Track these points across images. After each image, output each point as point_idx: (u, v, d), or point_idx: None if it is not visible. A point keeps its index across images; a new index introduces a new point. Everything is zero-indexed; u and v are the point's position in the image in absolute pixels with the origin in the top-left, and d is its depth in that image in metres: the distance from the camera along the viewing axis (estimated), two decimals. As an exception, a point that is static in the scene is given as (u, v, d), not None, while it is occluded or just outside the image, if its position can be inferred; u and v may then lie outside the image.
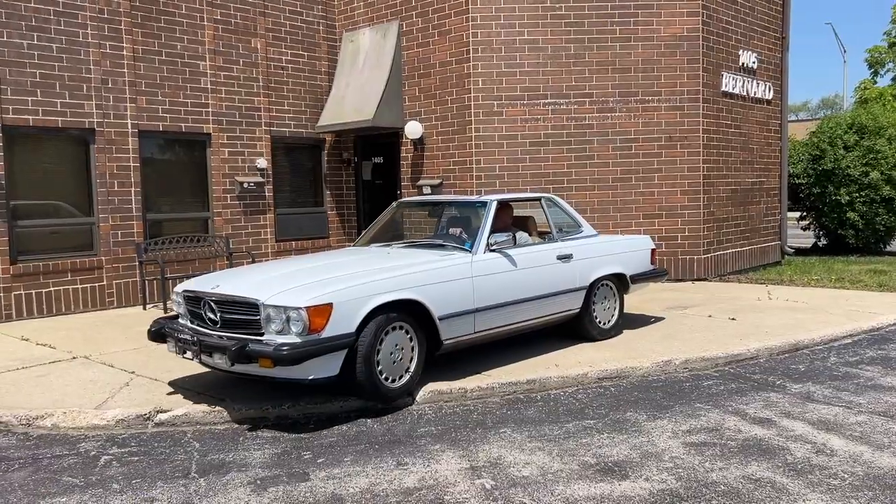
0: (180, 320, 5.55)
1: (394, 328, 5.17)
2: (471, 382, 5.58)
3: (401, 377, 5.23)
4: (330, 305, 4.75)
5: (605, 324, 6.97)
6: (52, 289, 8.91)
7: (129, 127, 9.51)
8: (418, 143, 11.01)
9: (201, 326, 5.28)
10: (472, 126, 10.36)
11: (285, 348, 4.59)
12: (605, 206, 10.51)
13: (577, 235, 6.98)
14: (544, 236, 6.85)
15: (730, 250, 11.43)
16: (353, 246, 6.87)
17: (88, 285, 9.21)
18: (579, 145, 10.46)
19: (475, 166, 10.39)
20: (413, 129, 10.76)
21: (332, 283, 5.02)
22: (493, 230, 6.18)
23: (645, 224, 10.51)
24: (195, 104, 10.17)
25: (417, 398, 5.36)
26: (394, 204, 7.34)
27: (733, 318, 7.77)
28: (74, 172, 9.24)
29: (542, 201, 6.97)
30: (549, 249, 6.49)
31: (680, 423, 4.84)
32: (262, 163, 10.86)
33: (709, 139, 10.71)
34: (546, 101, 10.41)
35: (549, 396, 5.53)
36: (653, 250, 7.56)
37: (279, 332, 4.75)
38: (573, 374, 5.80)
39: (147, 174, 9.80)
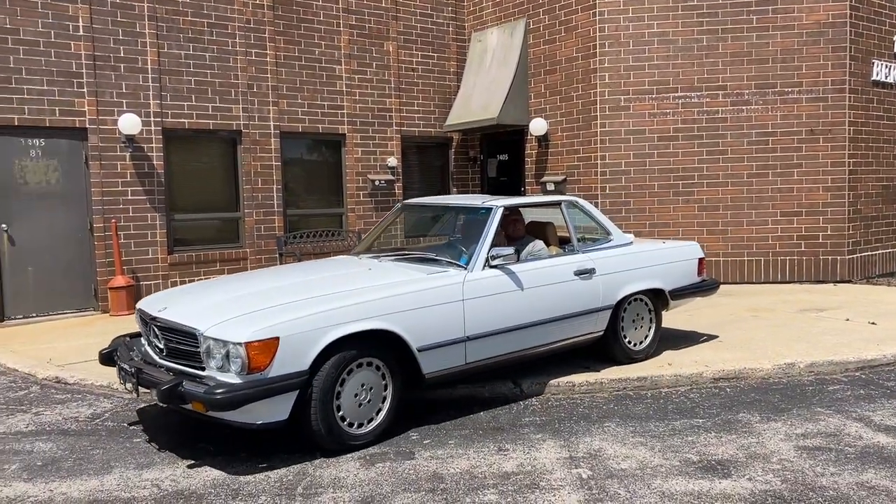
0: (142, 340, 4.90)
1: (360, 364, 4.38)
2: (579, 377, 5.61)
3: (370, 421, 4.45)
4: (275, 340, 3.98)
5: (636, 345, 5.99)
6: (202, 277, 9.76)
7: (272, 129, 10.24)
8: (543, 140, 11.06)
9: (154, 352, 4.61)
10: (598, 122, 10.27)
11: (219, 392, 3.86)
12: (739, 204, 10.08)
13: (604, 245, 5.91)
14: (565, 246, 5.87)
15: (879, 251, 10.61)
16: (350, 254, 5.99)
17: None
18: (711, 140, 10.10)
19: (600, 162, 10.30)
20: (538, 126, 10.83)
21: (281, 311, 4.20)
22: (499, 241, 5.41)
23: (782, 222, 9.99)
24: (331, 106, 10.77)
25: (525, 389, 5.46)
26: (398, 205, 6.43)
27: (873, 323, 7.25)
28: (223, 171, 10.07)
29: (563, 206, 5.85)
30: (565, 264, 5.49)
31: (795, 426, 4.65)
32: (393, 161, 11.32)
33: (856, 132, 10.00)
34: (676, 94, 10.13)
35: (659, 394, 5.46)
36: (700, 259, 6.46)
37: (220, 369, 4.03)
38: (687, 373, 5.68)
39: (287, 172, 10.51)
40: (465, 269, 4.98)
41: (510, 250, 5.07)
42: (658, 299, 6.17)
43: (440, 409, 5.16)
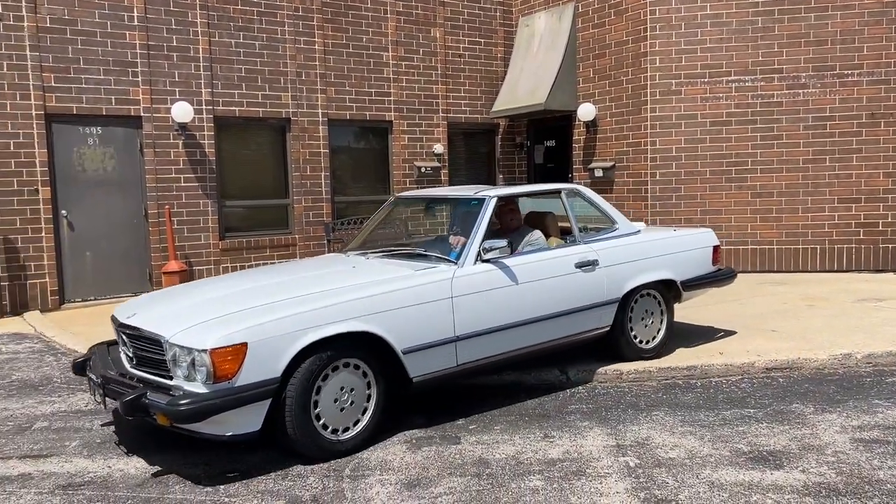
0: (120, 347, 4.52)
1: (337, 368, 4.09)
2: (627, 365, 5.54)
3: (356, 423, 4.18)
4: (243, 346, 3.72)
5: (645, 343, 5.64)
6: (252, 263, 9.95)
7: (320, 116, 10.33)
8: (591, 126, 10.92)
9: (126, 360, 4.35)
10: (648, 106, 10.09)
11: (182, 403, 3.62)
12: (794, 190, 9.80)
13: (608, 235, 5.56)
14: (566, 237, 5.57)
15: (944, 239, 10.19)
16: (343, 251, 5.72)
17: (283, 261, 10.17)
18: (766, 124, 9.83)
19: (650, 148, 10.12)
20: (586, 112, 10.69)
21: (251, 315, 3.92)
22: (493, 234, 5.11)
23: (840, 209, 9.68)
24: (378, 93, 10.81)
25: (571, 377, 5.43)
26: (391, 199, 6.10)
27: (937, 313, 7.00)
28: (273, 158, 10.21)
29: (563, 194, 5.50)
30: (565, 256, 5.17)
31: (851, 417, 4.52)
32: (439, 148, 11.32)
33: (920, 115, 9.61)
34: (729, 78, 9.87)
35: (709, 384, 5.37)
36: (715, 247, 6.09)
37: (187, 378, 3.78)
38: (739, 362, 5.57)
39: (335, 160, 10.61)
40: (456, 264, 4.67)
41: (503, 243, 4.71)
42: (669, 291, 5.80)
43: (486, 395, 5.17)
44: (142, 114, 9.04)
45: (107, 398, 4.15)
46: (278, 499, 3.62)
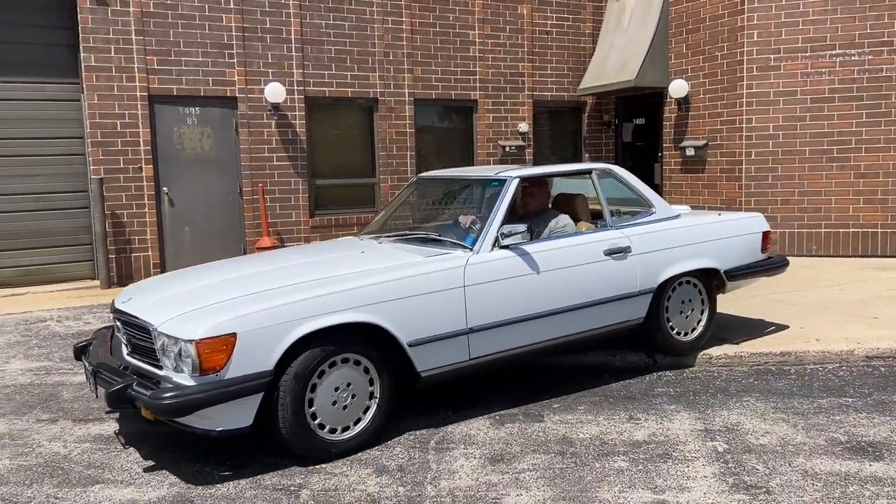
0: (116, 333, 4.40)
1: (336, 362, 3.82)
2: (717, 350, 5.41)
3: (356, 423, 3.90)
4: (232, 337, 3.49)
5: (683, 335, 5.26)
6: (340, 240, 10.19)
7: (406, 96, 10.43)
8: (683, 103, 10.58)
9: (123, 348, 4.16)
10: (744, 83, 9.69)
11: (166, 396, 3.42)
12: (902, 170, 9.24)
13: (643, 219, 5.14)
14: (597, 221, 5.16)
15: None
16: (359, 234, 5.44)
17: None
18: (873, 101, 9.27)
19: (745, 126, 9.73)
20: (678, 88, 10.37)
21: (243, 303, 3.68)
22: (516, 217, 4.85)
23: (954, 191, 9.07)
24: (464, 72, 10.81)
25: (658, 360, 5.34)
26: (413, 179, 5.83)
27: None
28: (360, 138, 10.40)
29: (594, 175, 5.09)
30: (593, 242, 4.79)
31: (961, 412, 4.28)
32: (524, 127, 11.23)
33: None
34: (833, 52, 9.36)
35: (804, 371, 5.17)
36: (765, 233, 5.58)
37: (175, 369, 3.58)
38: (836, 349, 5.34)
39: (420, 139, 10.70)
40: (471, 250, 4.36)
41: (522, 227, 4.36)
42: (711, 281, 5.37)
43: (570, 375, 5.15)
44: (237, 94, 9.36)
45: (98, 387, 3.88)
46: (366, 467, 3.75)
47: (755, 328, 5.93)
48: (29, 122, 8.69)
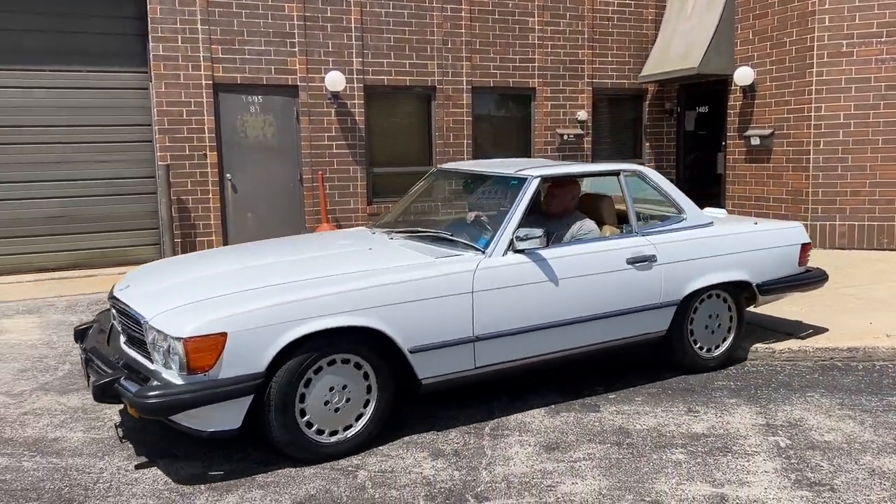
0: (114, 321, 4.28)
1: (330, 364, 3.65)
2: (780, 344, 5.27)
3: (346, 428, 3.73)
4: (222, 336, 3.34)
5: (707, 351, 4.94)
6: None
7: (464, 84, 10.42)
8: (748, 91, 10.29)
9: (122, 336, 4.04)
10: (814, 69, 9.35)
11: (151, 395, 3.28)
12: (984, 161, 8.80)
13: (672, 226, 4.82)
14: (623, 226, 4.88)
15: None
16: (374, 225, 5.21)
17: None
18: (952, 88, 8.85)
19: (814, 114, 9.40)
20: (744, 75, 10.08)
21: (236, 301, 3.52)
22: (541, 218, 4.68)
23: None
24: (523, 60, 10.73)
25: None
26: (432, 171, 5.52)
27: None
28: (417, 126, 10.44)
29: (622, 176, 4.78)
30: (615, 249, 4.50)
31: None
32: (583, 115, 11.10)
33: None
34: (911, 37, 8.95)
35: (872, 367, 5.00)
36: (804, 245, 5.21)
37: (165, 365, 3.44)
38: (908, 346, 5.14)
39: (477, 127, 10.67)
40: (483, 253, 4.12)
41: (538, 232, 4.10)
42: (741, 294, 5.03)
43: (627, 366, 5.10)
44: (298, 83, 9.51)
45: (89, 375, 3.77)
46: (422, 450, 3.79)
47: (821, 322, 5.75)
48: (100, 110, 8.99)
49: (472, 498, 3.29)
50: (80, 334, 4.32)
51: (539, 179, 4.47)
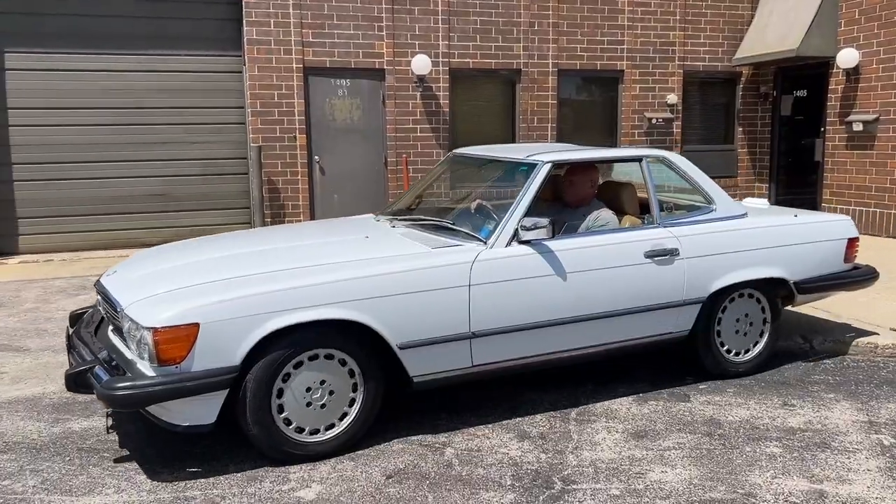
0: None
1: (311, 360, 3.45)
2: (883, 339, 5.02)
3: (329, 428, 3.52)
4: (194, 327, 3.17)
5: (736, 354, 4.55)
6: (479, 211, 10.28)
7: (550, 66, 10.29)
8: (851, 74, 9.76)
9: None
10: (926, 51, 8.79)
11: (119, 387, 3.13)
12: None
13: (698, 217, 4.43)
14: (646, 216, 4.50)
15: None
16: (380, 212, 4.92)
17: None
18: None
19: (924, 99, 8.85)
20: (847, 58, 9.56)
21: (211, 290, 3.34)
22: (557, 207, 4.45)
23: None
24: (611, 42, 10.51)
25: (816, 346, 5.03)
26: (449, 155, 5.20)
27: None
28: (501, 109, 10.39)
29: (644, 162, 4.41)
30: (632, 241, 4.15)
31: None
32: (673, 98, 10.79)
33: None
34: None
35: None
36: (851, 241, 4.76)
37: (139, 355, 3.27)
38: None
39: (562, 110, 10.54)
40: (485, 243, 3.84)
41: (544, 222, 3.80)
42: (777, 292, 4.62)
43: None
44: (385, 67, 9.61)
45: (71, 361, 3.69)
46: (508, 432, 3.81)
47: (929, 318, 5.45)
48: (197, 93, 9.34)
49: (559, 481, 3.29)
50: (74, 319, 4.18)
51: (550, 165, 4.13)
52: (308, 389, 3.45)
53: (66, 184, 8.98)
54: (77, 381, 3.32)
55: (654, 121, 10.75)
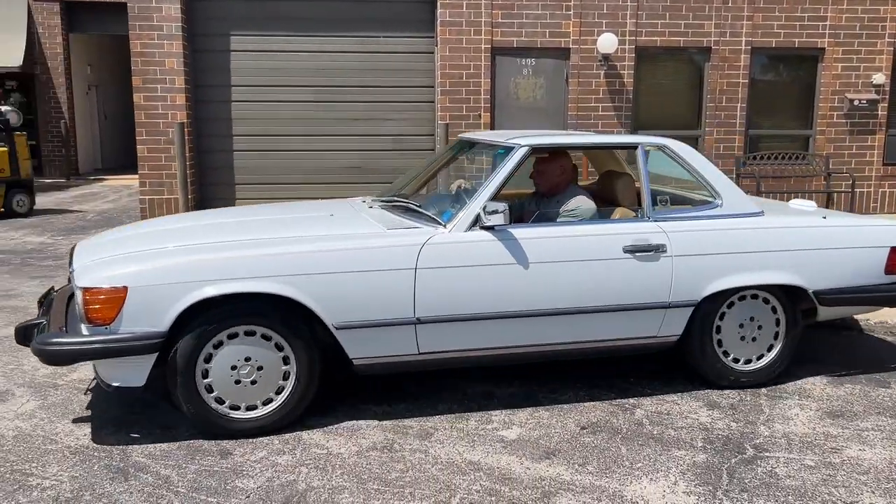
0: None
1: (249, 333, 3.44)
2: None
3: (266, 403, 3.51)
4: (122, 291, 3.24)
5: (743, 363, 4.12)
6: (658, 192, 10.18)
7: (743, 44, 9.92)
8: None
9: None
10: None
11: (50, 343, 3.26)
12: None
13: (697, 213, 4.04)
14: (638, 209, 4.10)
15: None
16: (376, 195, 4.76)
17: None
18: None
19: None
20: None
21: (146, 257, 3.42)
22: (535, 195, 4.29)
23: None
24: (812, 17, 9.94)
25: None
26: (458, 139, 4.93)
27: None
28: (687, 89, 10.17)
29: (640, 150, 4.06)
30: (608, 234, 3.83)
31: None
32: (880, 78, 10.03)
33: None
34: None
35: None
36: (894, 250, 4.17)
37: (78, 315, 3.40)
38: None
39: (753, 90, 10.13)
40: (444, 227, 3.68)
41: (501, 207, 3.59)
42: (796, 301, 4.13)
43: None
44: (570, 46, 9.74)
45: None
46: (697, 400, 3.94)
47: None
48: (391, 72, 9.98)
49: (751, 447, 3.39)
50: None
51: (527, 149, 3.89)
52: (234, 366, 3.44)
53: (275, 155, 9.97)
54: (25, 335, 3.59)
55: (856, 102, 10.06)
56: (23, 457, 3.29)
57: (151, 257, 3.42)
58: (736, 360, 4.11)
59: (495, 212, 3.58)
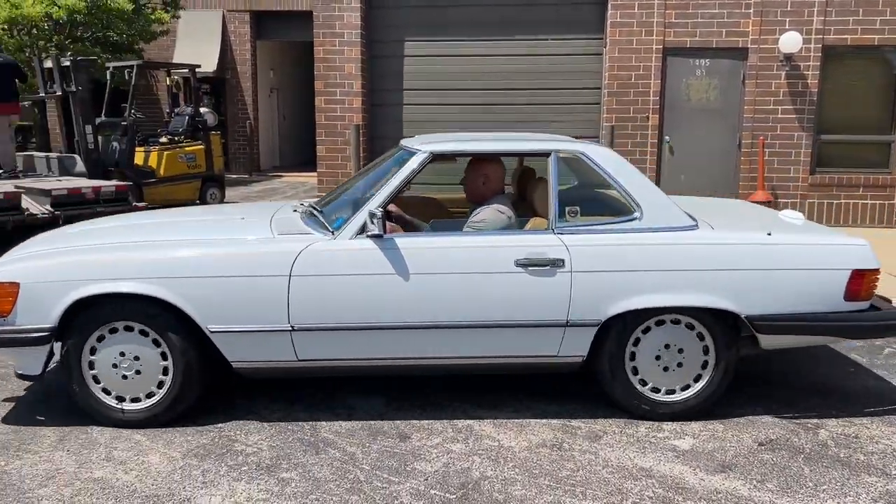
0: None
1: (116, 330, 3.57)
2: None
3: (149, 396, 3.64)
4: (15, 286, 3.51)
5: (665, 393, 3.72)
6: (840, 201, 9.48)
7: (949, 40, 9.03)
8: None
9: None
10: None
11: None
12: None
13: (608, 226, 3.67)
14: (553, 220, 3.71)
15: None
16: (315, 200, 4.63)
17: (878, 202, 9.44)
18: None
19: None
20: None
21: (46, 255, 3.67)
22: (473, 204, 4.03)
23: None
24: None
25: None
26: (399, 144, 4.66)
27: None
28: (880, 90, 9.39)
29: (552, 158, 3.73)
30: (498, 246, 3.59)
31: None
32: None
33: None
34: None
35: None
36: (860, 272, 3.60)
37: None
38: None
39: (960, 91, 9.19)
40: (332, 234, 3.63)
41: (379, 213, 3.50)
42: (729, 327, 3.68)
43: None
44: (749, 45, 9.29)
45: None
46: (890, 426, 3.67)
47: None
48: (557, 74, 9.99)
49: (956, 482, 3.13)
50: None
51: (426, 156, 3.74)
52: (115, 365, 3.61)
53: (441, 155, 10.30)
54: None
55: None
56: (229, 424, 3.68)
57: (46, 256, 3.68)
58: (656, 390, 3.76)
59: (374, 218, 3.52)
